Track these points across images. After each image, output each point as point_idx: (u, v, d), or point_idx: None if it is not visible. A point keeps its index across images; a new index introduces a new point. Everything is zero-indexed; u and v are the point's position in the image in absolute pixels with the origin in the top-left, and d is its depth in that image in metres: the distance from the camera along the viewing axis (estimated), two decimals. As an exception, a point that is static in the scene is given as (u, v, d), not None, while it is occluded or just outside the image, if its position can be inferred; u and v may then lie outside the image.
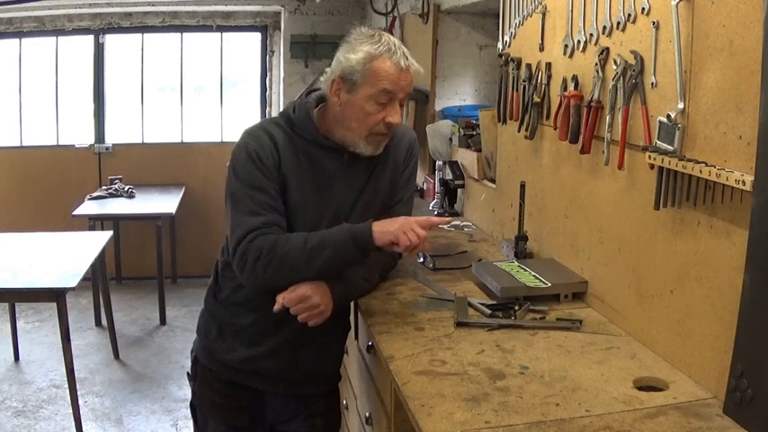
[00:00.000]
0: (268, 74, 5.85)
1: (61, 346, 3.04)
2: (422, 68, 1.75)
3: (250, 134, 1.74)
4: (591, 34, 1.77)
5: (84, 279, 3.11)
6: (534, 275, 1.86)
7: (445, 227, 2.71)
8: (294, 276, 1.64)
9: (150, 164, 5.47)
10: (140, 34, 5.54)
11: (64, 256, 3.30)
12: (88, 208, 4.67)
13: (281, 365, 1.77)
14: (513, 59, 2.26)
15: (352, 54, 1.66)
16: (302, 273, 1.63)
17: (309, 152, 1.73)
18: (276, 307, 1.63)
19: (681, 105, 1.39)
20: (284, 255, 1.62)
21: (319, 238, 1.64)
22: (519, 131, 2.21)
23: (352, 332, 2.02)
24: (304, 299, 1.63)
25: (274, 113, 5.69)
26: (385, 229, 1.62)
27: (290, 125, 1.75)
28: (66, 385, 3.12)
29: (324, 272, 1.65)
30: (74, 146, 5.47)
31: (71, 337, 3.07)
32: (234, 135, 1.81)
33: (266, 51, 5.83)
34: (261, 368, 1.77)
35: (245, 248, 1.64)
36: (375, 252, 1.68)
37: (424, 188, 3.34)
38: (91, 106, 5.57)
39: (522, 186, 2.18)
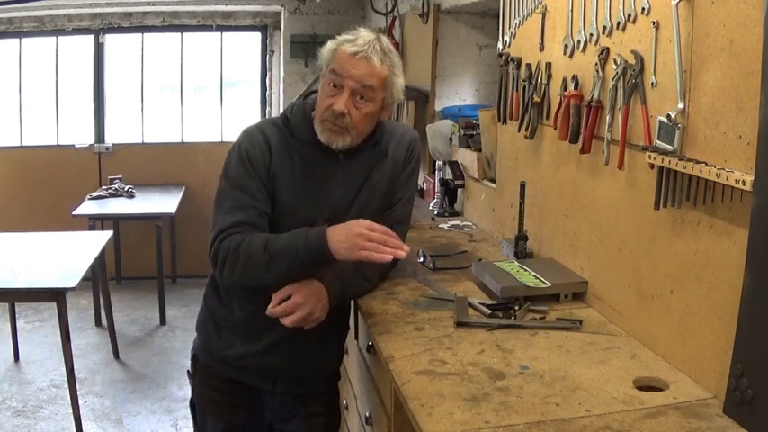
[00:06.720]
0: (268, 74, 5.84)
1: (61, 346, 3.04)
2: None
3: (245, 133, 1.78)
4: (591, 34, 1.77)
5: (84, 279, 3.11)
6: (534, 275, 1.86)
7: (445, 226, 2.71)
8: (259, 280, 1.65)
9: (150, 164, 5.48)
10: (140, 34, 5.54)
11: (64, 256, 3.30)
12: (88, 208, 4.67)
13: (278, 362, 1.77)
14: (513, 59, 2.26)
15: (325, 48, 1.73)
16: (264, 278, 1.65)
17: (304, 153, 1.74)
18: (268, 310, 1.63)
19: (681, 105, 1.39)
20: (246, 257, 1.63)
21: (279, 245, 1.62)
22: (519, 131, 2.21)
23: (352, 332, 2.02)
24: (295, 307, 1.63)
25: (274, 113, 5.69)
26: (339, 241, 1.56)
27: (286, 126, 1.77)
28: (67, 385, 3.12)
29: (285, 278, 1.65)
30: (74, 146, 5.47)
31: (71, 337, 3.07)
32: (234, 135, 1.82)
33: (266, 51, 5.82)
34: (258, 364, 1.77)
35: (216, 249, 1.68)
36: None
37: (424, 188, 3.34)
38: (91, 106, 5.57)
39: (522, 186, 2.17)
